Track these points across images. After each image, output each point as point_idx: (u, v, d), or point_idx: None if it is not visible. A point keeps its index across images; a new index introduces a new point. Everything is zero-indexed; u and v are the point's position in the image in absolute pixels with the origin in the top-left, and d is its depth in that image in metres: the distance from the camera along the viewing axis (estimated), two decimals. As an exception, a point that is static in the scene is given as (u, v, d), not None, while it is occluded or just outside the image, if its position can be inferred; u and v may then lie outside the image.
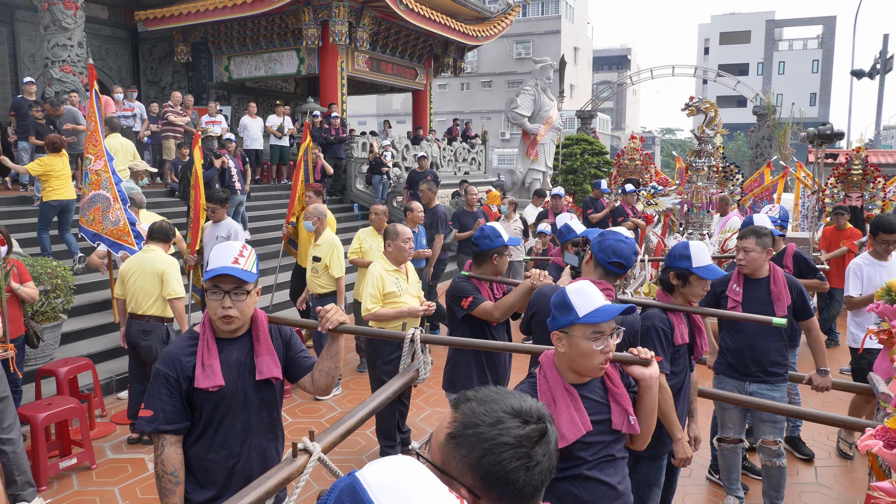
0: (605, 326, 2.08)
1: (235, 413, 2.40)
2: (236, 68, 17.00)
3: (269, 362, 2.44)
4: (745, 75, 50.51)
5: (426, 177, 12.39)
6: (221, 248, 2.40)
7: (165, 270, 4.88)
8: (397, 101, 49.17)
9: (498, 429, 1.13)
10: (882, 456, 1.65)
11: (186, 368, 2.34)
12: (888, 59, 22.27)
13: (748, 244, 3.84)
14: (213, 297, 2.35)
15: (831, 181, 9.92)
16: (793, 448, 4.99)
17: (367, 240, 6.60)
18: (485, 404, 1.17)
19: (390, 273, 4.55)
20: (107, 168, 5.80)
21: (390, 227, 4.66)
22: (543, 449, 1.16)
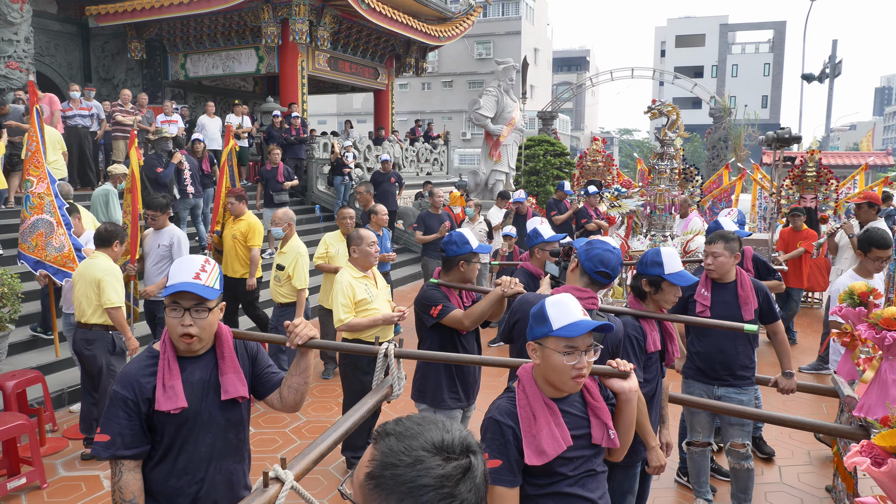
0: (580, 342, 2.03)
1: (199, 435, 2.28)
2: (193, 66, 16.60)
3: (235, 380, 2.32)
4: (700, 77, 51.59)
5: (390, 178, 12.30)
6: (183, 262, 2.27)
7: (102, 279, 4.65)
8: (358, 101, 48.82)
9: (417, 469, 1.04)
10: (871, 475, 1.63)
11: (146, 390, 2.20)
12: (837, 63, 22.97)
13: (717, 249, 3.85)
14: (172, 314, 2.22)
15: (787, 183, 10.15)
16: (754, 447, 5.06)
17: (334, 244, 6.39)
18: (404, 440, 1.08)
19: (359, 280, 4.42)
20: (49, 191, 5.44)
21: (354, 232, 4.53)
22: (468, 485, 1.07)
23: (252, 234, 6.55)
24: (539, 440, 2.05)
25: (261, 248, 6.71)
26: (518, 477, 2.08)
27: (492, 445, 2.09)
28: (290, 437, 5.31)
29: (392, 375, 2.34)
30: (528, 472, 2.10)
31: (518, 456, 2.07)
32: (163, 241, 5.85)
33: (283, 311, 5.98)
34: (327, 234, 6.56)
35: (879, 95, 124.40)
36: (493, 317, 3.68)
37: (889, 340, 3.18)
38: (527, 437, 2.06)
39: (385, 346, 2.35)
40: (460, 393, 3.72)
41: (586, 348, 2.05)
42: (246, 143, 13.62)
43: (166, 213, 5.89)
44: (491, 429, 2.12)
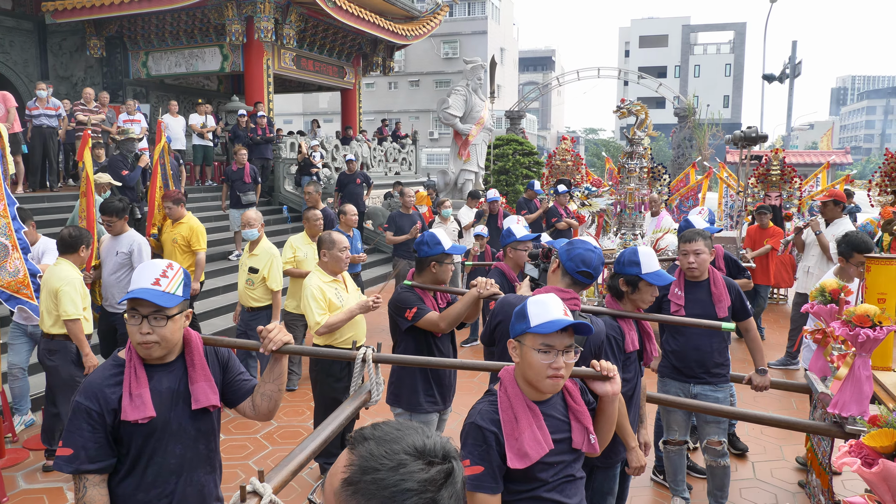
0: (556, 341, 2.00)
1: (168, 446, 2.18)
2: (155, 64, 16.23)
3: (206, 389, 2.23)
4: (664, 77, 52.35)
5: (356, 179, 12.13)
6: (144, 268, 2.18)
7: (60, 289, 4.41)
8: (324, 100, 48.43)
9: (400, 473, 1.01)
10: (861, 475, 1.62)
11: (111, 400, 2.09)
12: (797, 64, 23.49)
13: (699, 247, 3.84)
14: (131, 321, 2.12)
15: (752, 181, 10.32)
16: (729, 444, 5.10)
17: (302, 248, 6.16)
18: (384, 444, 1.04)
19: (329, 284, 4.28)
20: (6, 212, 4.97)
21: (325, 235, 4.39)
22: (450, 491, 1.04)
23: (195, 238, 6.28)
24: (521, 443, 2.02)
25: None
26: (500, 483, 2.04)
27: (473, 451, 2.04)
28: (261, 443, 5.20)
29: (370, 381, 2.28)
30: (508, 478, 2.06)
31: (500, 462, 2.03)
32: (121, 247, 5.46)
33: (254, 315, 5.81)
34: (293, 238, 6.31)
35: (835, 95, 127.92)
36: (469, 318, 3.63)
37: (862, 337, 3.21)
38: (509, 441, 2.02)
39: (363, 351, 2.28)
40: (437, 396, 3.66)
41: (564, 348, 2.02)
42: (210, 142, 13.36)
43: (124, 217, 5.51)
44: (473, 434, 2.07)
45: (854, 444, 1.71)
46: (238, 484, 1.98)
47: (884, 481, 1.67)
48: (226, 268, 9.76)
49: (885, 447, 1.72)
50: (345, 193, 12.18)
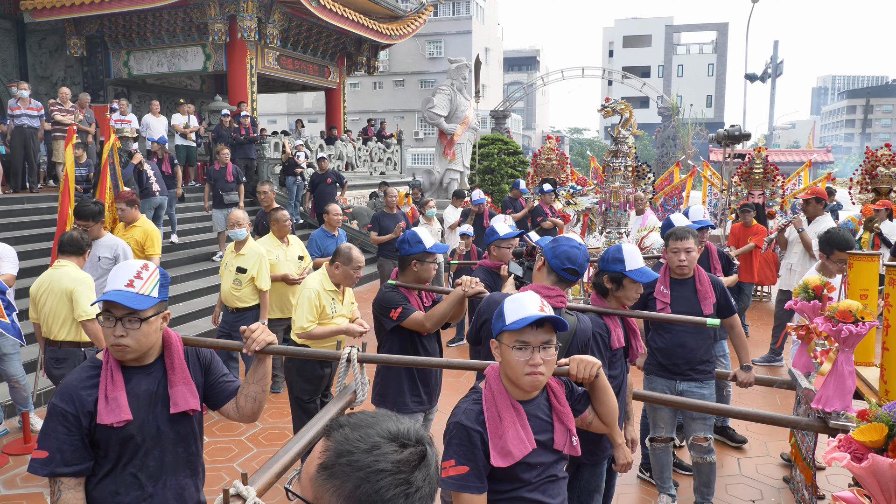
0: (530, 337, 2.00)
1: (147, 449, 2.14)
2: (136, 64, 16.07)
3: (185, 392, 2.19)
4: (648, 77, 52.64)
5: (327, 178, 11.91)
6: (119, 269, 2.14)
7: (74, 289, 4.27)
8: (308, 100, 48.23)
9: (374, 455, 1.04)
10: (851, 470, 1.62)
11: (87, 402, 2.06)
12: (778, 63, 23.72)
13: (690, 245, 3.85)
14: (105, 324, 2.08)
15: (735, 179, 10.39)
16: (726, 437, 5.14)
17: (273, 250, 5.91)
18: (359, 429, 1.07)
19: (328, 293, 4.21)
20: None
21: (345, 248, 4.25)
22: (423, 473, 1.07)
23: (150, 242, 5.99)
24: (505, 441, 2.01)
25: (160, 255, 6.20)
26: (485, 483, 2.04)
27: (458, 451, 2.03)
28: (246, 446, 5.15)
29: (355, 381, 2.25)
30: (490, 477, 2.06)
31: (485, 461, 2.02)
32: (103, 252, 5.19)
33: (238, 316, 5.73)
34: (260, 241, 6.03)
35: (816, 95, 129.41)
36: (454, 318, 3.61)
37: (845, 333, 3.23)
38: (493, 439, 2.02)
39: (348, 351, 2.25)
40: (422, 396, 3.64)
41: (541, 345, 2.01)
42: (193, 142, 13.25)
43: (100, 221, 5.27)
44: (457, 434, 2.06)
45: (843, 438, 1.70)
46: (222, 487, 1.95)
47: (873, 476, 1.67)
48: (209, 269, 9.68)
49: (875, 442, 1.72)
50: (316, 194, 11.93)
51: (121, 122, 11.95)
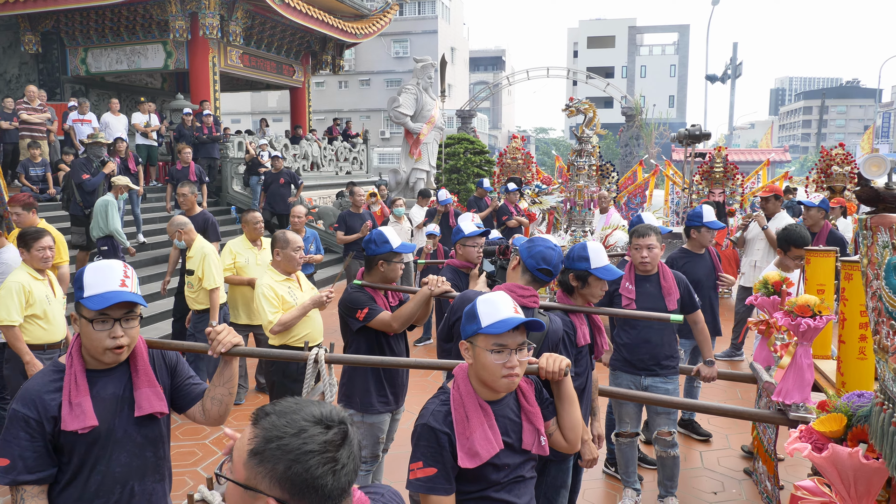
0: (508, 340, 1.99)
1: (113, 454, 2.09)
2: (94, 61, 15.70)
3: (151, 395, 2.15)
4: (611, 77, 53.29)
5: (280, 178, 11.49)
6: (103, 270, 2.08)
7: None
8: (273, 99, 47.70)
9: (302, 438, 1.15)
10: (812, 460, 1.66)
11: (51, 408, 2.00)
12: (738, 65, 24.23)
13: (652, 241, 3.91)
14: (100, 327, 2.03)
15: (697, 178, 10.59)
16: (690, 431, 5.23)
17: (242, 253, 5.75)
18: (285, 416, 1.18)
19: (281, 283, 4.18)
20: None
21: (280, 234, 4.28)
22: (347, 451, 1.18)
23: (56, 250, 5.37)
24: (472, 442, 2.00)
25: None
26: (453, 484, 2.03)
27: (426, 453, 2.02)
28: (210, 449, 5.06)
29: (323, 382, 2.23)
30: (458, 478, 2.05)
31: (453, 462, 2.02)
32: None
33: (201, 317, 5.64)
34: (231, 242, 5.90)
35: (774, 96, 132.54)
36: (420, 319, 3.60)
37: (804, 327, 3.31)
38: (460, 440, 2.01)
39: (315, 352, 2.23)
40: (389, 396, 3.62)
41: (517, 347, 2.00)
42: (154, 142, 13.00)
43: (1, 232, 4.95)
44: (425, 436, 2.05)
45: (804, 429, 1.75)
46: (186, 492, 1.91)
47: (833, 465, 1.72)
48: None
49: (835, 432, 1.77)
50: (268, 194, 11.42)
51: (79, 121, 11.69)
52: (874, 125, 32.97)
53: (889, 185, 1.53)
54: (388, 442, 3.84)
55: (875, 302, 1.50)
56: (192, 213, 6.74)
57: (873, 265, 1.51)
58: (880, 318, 1.48)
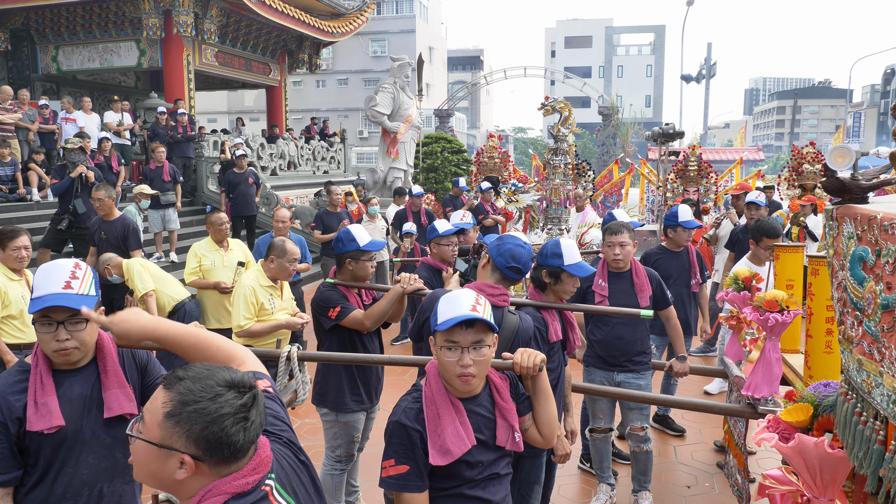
0: (460, 338, 1.98)
1: (81, 456, 2.05)
2: (66, 59, 15.45)
3: (120, 396, 2.11)
4: (589, 77, 53.63)
5: (247, 178, 11.00)
6: (49, 270, 2.04)
7: None
8: (250, 98, 47.31)
9: (218, 402, 1.26)
10: (779, 450, 1.68)
11: (15, 408, 1.96)
12: (712, 65, 24.51)
13: (624, 238, 3.93)
14: (43, 329, 1.99)
15: (671, 176, 10.70)
16: (665, 426, 5.28)
17: (208, 255, 5.51)
18: (199, 381, 1.28)
19: (265, 289, 4.11)
20: None
21: (279, 242, 4.16)
22: (256, 410, 1.32)
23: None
24: (444, 439, 1.99)
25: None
26: (425, 481, 2.02)
27: (398, 450, 2.02)
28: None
29: (296, 380, 2.21)
30: (431, 475, 2.04)
31: (425, 459, 2.01)
32: None
33: None
34: (196, 245, 5.66)
35: (749, 96, 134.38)
36: (394, 317, 3.58)
37: (772, 321, 3.35)
38: (432, 437, 2.00)
39: (287, 349, 2.21)
40: (363, 395, 3.60)
41: (471, 345, 1.99)
42: (128, 140, 12.82)
43: None
44: (397, 433, 2.04)
45: (771, 419, 1.77)
46: (152, 493, 1.88)
47: (799, 455, 1.74)
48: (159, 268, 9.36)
49: (801, 421, 1.79)
50: (235, 195, 10.81)
51: (66, 119, 11.50)
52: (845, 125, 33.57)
53: (854, 177, 1.54)
54: (364, 441, 3.83)
55: (840, 293, 1.52)
56: (111, 217, 6.26)
57: (839, 256, 1.53)
58: (845, 309, 1.50)
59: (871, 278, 1.32)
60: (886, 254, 1.24)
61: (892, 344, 1.24)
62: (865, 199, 1.47)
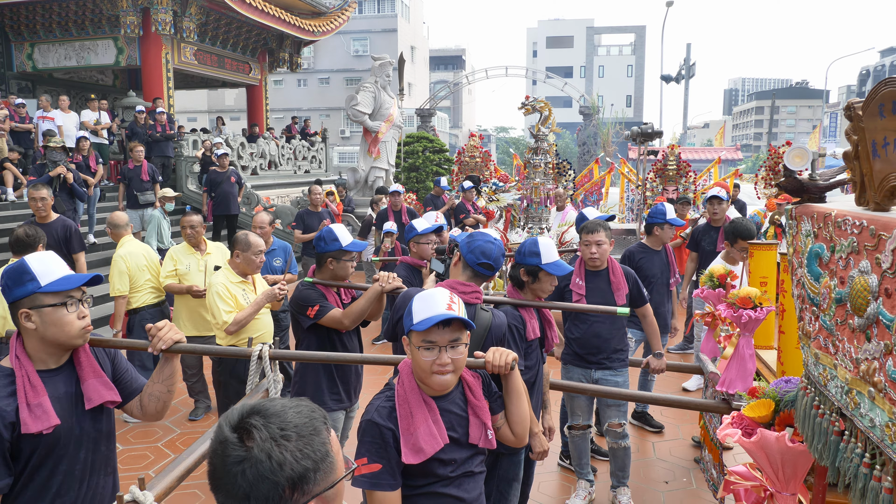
0: (437, 337, 1.99)
1: (73, 453, 2.07)
2: (42, 57, 15.25)
3: (98, 386, 2.12)
4: (570, 77, 53.87)
5: (230, 177, 11.01)
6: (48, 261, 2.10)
7: None
8: (230, 97, 46.96)
9: None
10: (742, 445, 1.71)
11: (7, 413, 1.93)
12: (691, 65, 24.74)
13: (601, 237, 3.97)
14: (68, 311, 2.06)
15: (651, 176, 10.79)
16: (643, 423, 5.34)
17: (183, 259, 5.31)
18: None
19: (236, 285, 4.11)
20: None
21: (241, 235, 4.19)
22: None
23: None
24: (416, 438, 2.00)
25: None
26: (398, 480, 2.03)
27: (371, 449, 2.02)
28: (163, 452, 4.98)
29: (268, 378, 2.22)
30: (405, 473, 2.05)
31: (398, 458, 2.02)
32: None
33: (136, 316, 5.47)
34: (173, 248, 5.50)
35: (728, 96, 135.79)
36: (373, 315, 3.59)
37: (745, 318, 3.41)
38: (405, 436, 2.01)
39: (259, 348, 2.21)
40: (342, 393, 3.61)
41: (448, 344, 2.00)
42: (105, 140, 12.69)
43: None
44: (370, 432, 2.05)
45: (735, 415, 1.80)
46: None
47: (762, 449, 1.78)
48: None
49: (763, 417, 1.83)
50: (217, 194, 10.78)
51: (43, 118, 11.35)
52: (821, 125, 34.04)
53: (812, 177, 1.58)
54: (343, 439, 3.83)
55: (799, 289, 1.56)
56: (48, 220, 5.89)
57: (798, 253, 1.57)
58: (804, 305, 1.54)
59: (827, 274, 1.36)
60: (840, 249, 1.28)
61: (845, 337, 1.28)
62: (823, 198, 1.51)
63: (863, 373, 1.22)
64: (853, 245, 1.25)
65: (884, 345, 1.14)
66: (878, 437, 1.17)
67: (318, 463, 1.12)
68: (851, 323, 1.26)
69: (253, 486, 1.07)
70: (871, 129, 1.26)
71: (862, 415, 1.24)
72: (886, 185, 1.23)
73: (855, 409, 1.27)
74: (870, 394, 1.20)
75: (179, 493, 4.24)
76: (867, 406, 1.22)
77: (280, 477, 1.07)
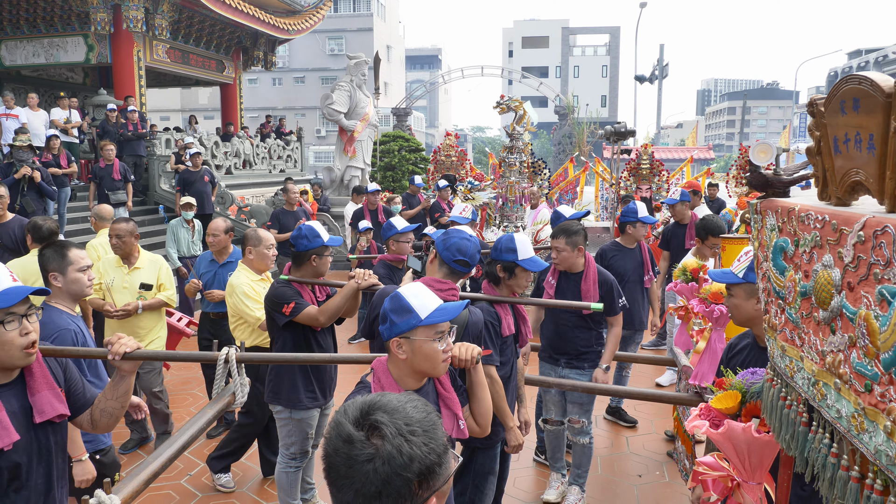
0: (444, 326, 2.05)
1: (35, 467, 2.02)
2: (9, 54, 14.93)
3: (51, 398, 2.07)
4: (546, 77, 54.17)
5: (203, 177, 10.71)
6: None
7: None
8: (204, 96, 46.46)
9: None
10: (710, 437, 1.75)
11: None
12: (665, 66, 25.01)
13: (559, 244, 3.99)
14: (8, 328, 1.93)
15: (624, 174, 10.91)
16: (617, 418, 5.40)
17: (109, 272, 4.50)
18: None
19: (257, 283, 4.12)
20: None
21: (250, 231, 4.17)
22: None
23: None
24: None
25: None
26: None
27: None
28: (139, 455, 4.91)
29: (234, 382, 2.20)
30: None
31: None
32: None
33: None
34: (102, 259, 4.74)
35: (701, 97, 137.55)
36: (348, 313, 3.59)
37: (717, 313, 3.47)
38: None
39: (225, 351, 2.19)
40: (317, 392, 3.60)
41: (448, 330, 2.08)
42: (76, 138, 12.46)
43: None
44: None
45: (703, 407, 1.84)
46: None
47: (728, 440, 1.82)
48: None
49: (730, 408, 1.87)
50: (190, 194, 10.03)
51: (6, 115, 11.11)
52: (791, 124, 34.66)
53: (777, 172, 1.62)
54: (318, 437, 3.82)
55: (765, 283, 1.60)
56: (4, 219, 5.66)
57: (763, 247, 1.60)
58: (769, 298, 1.57)
59: (791, 268, 1.39)
60: (804, 243, 1.31)
61: (811, 330, 1.31)
62: (787, 192, 1.55)
63: (829, 365, 1.26)
64: (816, 239, 1.28)
65: (848, 337, 1.18)
66: (845, 427, 1.20)
67: (441, 456, 1.14)
68: (816, 316, 1.29)
69: (385, 482, 1.08)
70: (832, 125, 1.30)
71: (829, 406, 1.27)
72: (847, 181, 1.26)
73: (822, 401, 1.30)
74: (836, 385, 1.23)
75: (153, 495, 4.20)
76: (833, 397, 1.25)
77: (411, 472, 1.08)
